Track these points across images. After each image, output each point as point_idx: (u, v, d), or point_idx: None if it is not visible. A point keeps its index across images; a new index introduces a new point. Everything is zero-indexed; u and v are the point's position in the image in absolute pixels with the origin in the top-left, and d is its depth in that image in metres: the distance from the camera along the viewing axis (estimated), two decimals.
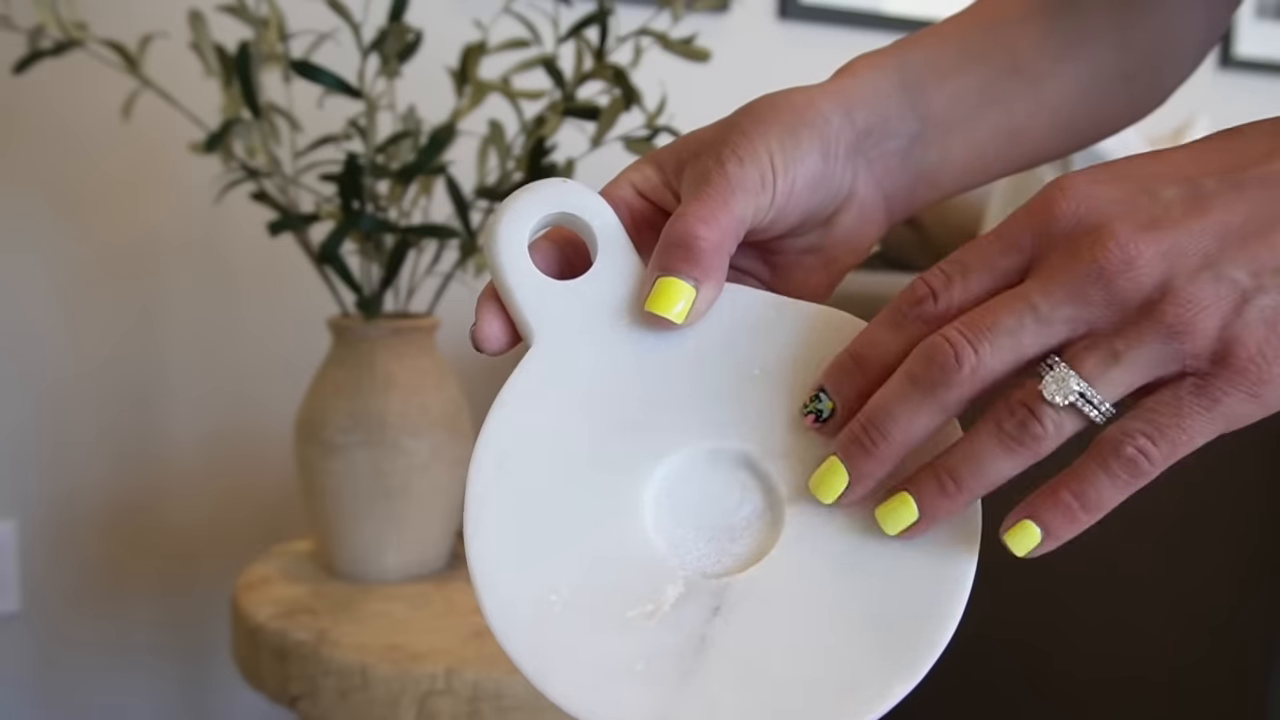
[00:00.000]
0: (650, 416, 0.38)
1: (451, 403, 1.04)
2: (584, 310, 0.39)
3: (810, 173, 0.40)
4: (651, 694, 0.34)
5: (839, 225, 0.43)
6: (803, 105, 0.41)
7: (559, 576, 0.36)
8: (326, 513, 1.02)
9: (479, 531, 0.36)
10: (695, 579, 0.36)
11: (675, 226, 0.38)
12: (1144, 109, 0.51)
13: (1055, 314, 0.32)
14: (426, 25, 1.15)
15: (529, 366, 0.38)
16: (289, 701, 0.91)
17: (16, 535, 1.33)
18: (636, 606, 0.35)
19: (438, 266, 1.11)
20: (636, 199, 0.42)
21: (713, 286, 0.38)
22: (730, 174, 0.39)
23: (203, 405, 1.40)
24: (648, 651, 0.35)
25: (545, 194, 0.40)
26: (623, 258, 0.40)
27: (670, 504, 0.37)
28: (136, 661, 1.41)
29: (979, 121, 0.45)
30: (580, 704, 0.34)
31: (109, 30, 1.15)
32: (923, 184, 0.45)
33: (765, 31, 1.71)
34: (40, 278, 1.31)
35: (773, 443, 0.37)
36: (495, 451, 0.37)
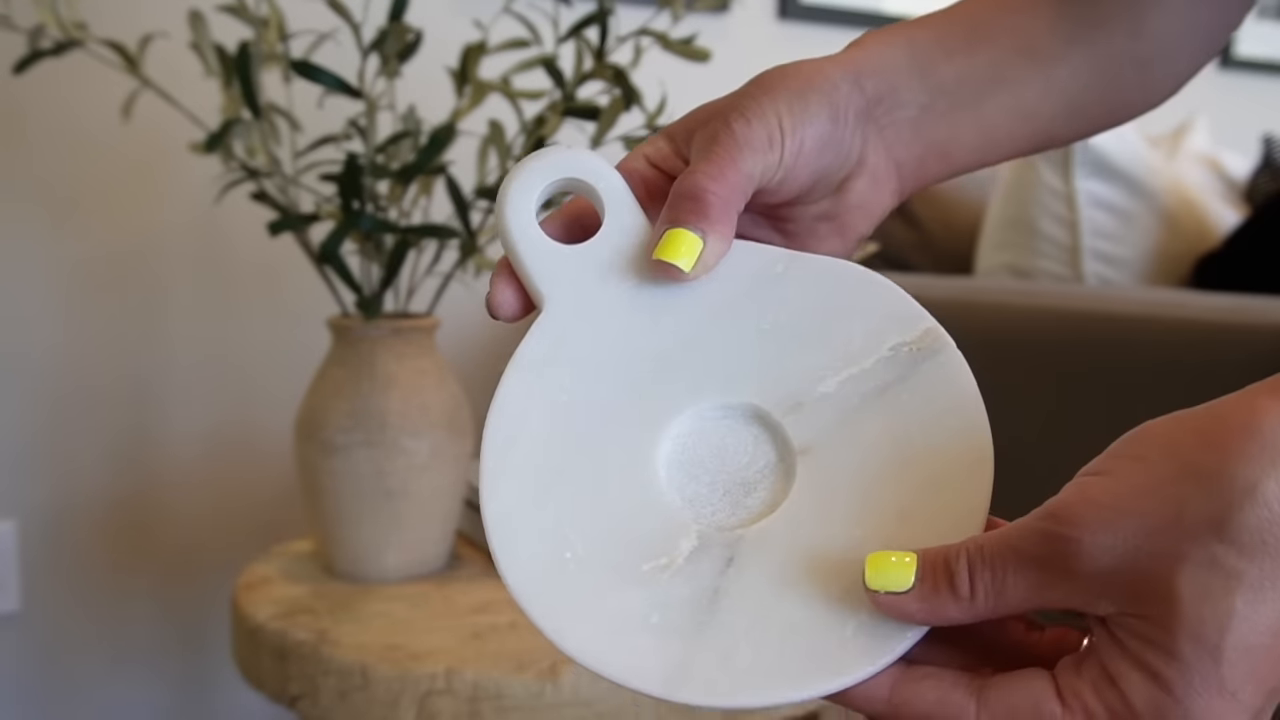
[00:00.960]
0: (662, 374, 0.38)
1: (451, 402, 1.04)
2: (593, 273, 0.39)
3: (819, 134, 0.41)
4: (667, 645, 0.35)
5: (851, 191, 0.43)
6: (811, 72, 0.42)
7: (573, 534, 0.36)
8: (326, 513, 1.02)
9: (495, 494, 0.37)
10: (709, 532, 0.37)
11: (684, 182, 0.39)
12: (1156, 97, 0.51)
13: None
14: (426, 25, 1.15)
15: (541, 329, 0.39)
16: (289, 701, 0.91)
17: (16, 535, 1.33)
18: (650, 560, 0.36)
19: (438, 266, 1.11)
20: (649, 169, 0.42)
21: (720, 239, 0.38)
22: (738, 133, 0.39)
23: (203, 405, 1.40)
24: (662, 603, 0.35)
25: (551, 159, 0.40)
26: (630, 219, 0.40)
27: (684, 460, 0.38)
28: (136, 661, 1.41)
29: (988, 100, 0.45)
30: (596, 657, 0.35)
31: (109, 30, 1.15)
32: (933, 156, 0.45)
33: (765, 31, 1.71)
34: (40, 277, 1.31)
35: (784, 395, 0.38)
36: (509, 414, 0.38)
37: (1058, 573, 0.31)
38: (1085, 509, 0.31)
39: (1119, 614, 0.31)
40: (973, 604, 0.33)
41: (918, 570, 0.33)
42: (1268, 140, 1.74)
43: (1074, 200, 1.39)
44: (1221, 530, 0.30)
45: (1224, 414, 0.31)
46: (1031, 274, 1.42)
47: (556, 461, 0.37)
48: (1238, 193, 1.69)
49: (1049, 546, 0.32)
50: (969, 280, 1.40)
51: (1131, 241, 1.42)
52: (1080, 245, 1.39)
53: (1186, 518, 0.30)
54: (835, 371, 0.38)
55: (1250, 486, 0.30)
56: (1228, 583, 0.30)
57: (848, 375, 0.38)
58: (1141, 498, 0.31)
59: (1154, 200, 1.44)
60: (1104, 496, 0.31)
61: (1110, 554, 0.31)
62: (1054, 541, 0.31)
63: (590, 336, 0.39)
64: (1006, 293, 1.19)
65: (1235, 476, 0.30)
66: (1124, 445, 0.33)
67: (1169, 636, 0.30)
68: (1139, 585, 0.30)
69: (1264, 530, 0.30)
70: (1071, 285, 1.36)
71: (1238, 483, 0.30)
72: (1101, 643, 0.32)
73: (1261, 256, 1.37)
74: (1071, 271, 1.40)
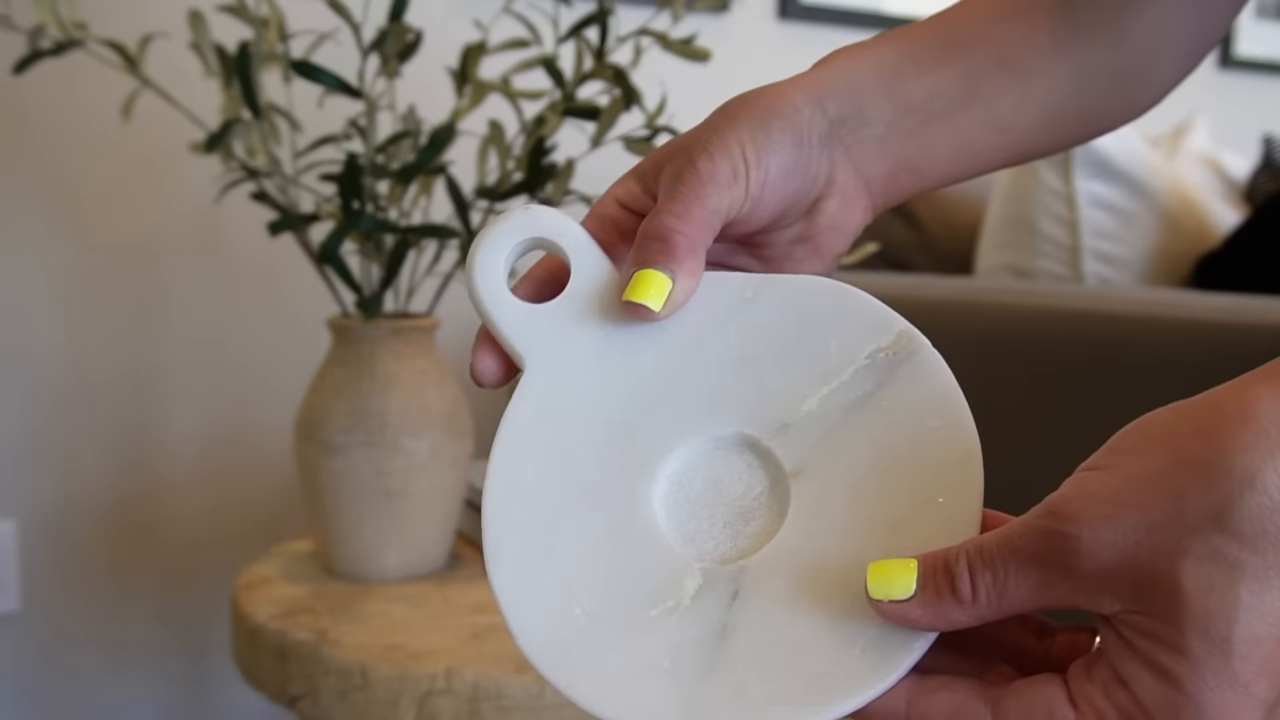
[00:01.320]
0: (648, 415, 0.39)
1: (451, 402, 1.03)
2: (566, 327, 0.40)
3: (783, 162, 0.41)
4: (680, 688, 0.35)
5: (823, 212, 0.44)
6: (773, 98, 0.42)
7: (580, 589, 0.37)
8: (326, 513, 1.02)
9: (499, 560, 0.37)
10: (712, 568, 0.37)
11: (650, 223, 0.39)
12: (1138, 107, 0.51)
13: None
14: (426, 25, 1.15)
15: (524, 391, 0.39)
16: (289, 701, 0.91)
17: (16, 535, 1.33)
18: (658, 605, 0.36)
19: (438, 266, 1.11)
20: (620, 211, 0.43)
21: (689, 277, 0.38)
22: (701, 169, 0.39)
23: (203, 405, 1.40)
24: (673, 647, 0.36)
25: (512, 222, 0.41)
26: (596, 269, 0.40)
27: (681, 498, 0.38)
28: (136, 661, 1.41)
29: (962, 113, 0.45)
30: (610, 709, 0.35)
31: (109, 30, 1.15)
32: (904, 172, 0.45)
33: (765, 31, 1.71)
34: (40, 277, 1.31)
35: (769, 419, 0.38)
36: (504, 480, 0.38)
37: (1059, 570, 0.31)
38: (1084, 504, 0.31)
39: (1125, 611, 0.31)
40: (976, 606, 0.33)
41: (919, 576, 0.33)
42: (1268, 140, 1.74)
43: (1074, 200, 1.39)
44: (1222, 521, 0.30)
45: (1219, 403, 0.31)
46: (1031, 274, 1.42)
47: (555, 519, 0.38)
48: (1238, 193, 1.69)
49: (1049, 544, 0.31)
50: (969, 280, 1.40)
51: (1131, 241, 1.42)
52: (1080, 245, 1.39)
53: (1187, 510, 0.30)
54: (816, 388, 0.38)
55: (1249, 476, 0.30)
56: (1231, 574, 0.29)
57: (828, 390, 0.38)
58: (1140, 491, 0.31)
59: (1154, 200, 1.44)
60: (1103, 491, 0.31)
61: (1111, 549, 0.31)
62: (1054, 539, 0.31)
63: (572, 389, 0.39)
64: (1006, 293, 1.19)
65: (1233, 466, 0.30)
66: (1122, 439, 0.33)
67: (1177, 633, 0.30)
68: (1142, 581, 0.30)
69: (1264, 519, 0.29)
70: (1071, 285, 1.36)
71: (1236, 472, 0.30)
72: (1110, 644, 0.32)
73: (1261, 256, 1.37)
74: (1071, 271, 1.40)
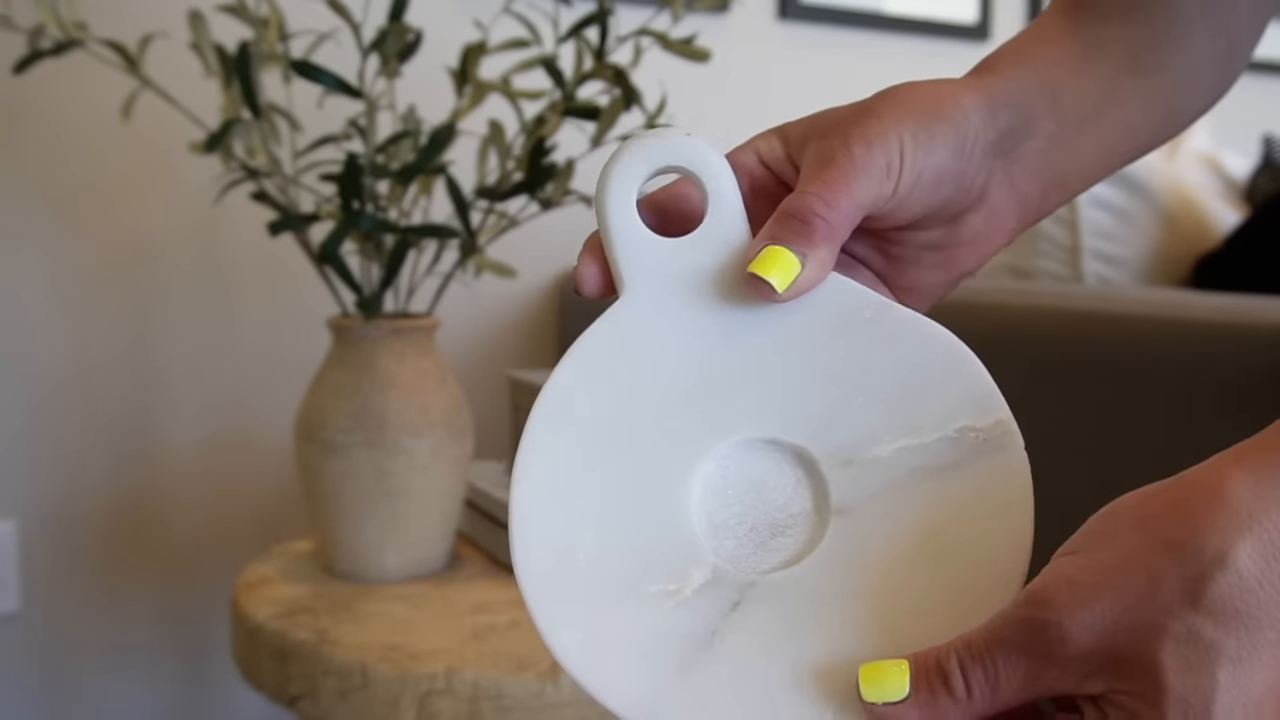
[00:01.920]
0: (721, 393, 0.37)
1: (451, 402, 1.03)
2: (680, 273, 0.38)
3: (939, 167, 0.39)
4: (648, 675, 0.34)
5: (966, 225, 0.42)
6: (944, 96, 0.40)
7: (591, 534, 0.36)
8: (326, 513, 1.02)
9: (526, 475, 0.36)
10: (723, 568, 0.36)
11: (793, 201, 0.37)
12: (1223, 93, 0.49)
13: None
14: (426, 25, 1.15)
15: (613, 318, 0.38)
16: (289, 701, 0.91)
17: (16, 535, 1.33)
18: (658, 583, 0.35)
19: (438, 266, 1.11)
20: (759, 167, 0.41)
21: (820, 267, 0.37)
22: (856, 157, 0.37)
23: (202, 405, 1.40)
24: (658, 631, 0.35)
25: (667, 143, 0.38)
26: (732, 225, 0.38)
27: (721, 485, 0.37)
28: (136, 661, 1.41)
29: (1104, 120, 0.44)
30: (577, 666, 0.34)
31: (109, 30, 1.15)
32: (1055, 187, 0.43)
33: (765, 31, 1.71)
34: (40, 277, 1.31)
35: (837, 447, 0.37)
36: (559, 399, 0.37)
37: (1044, 658, 0.31)
38: (1061, 590, 0.31)
39: (1109, 692, 0.31)
40: (970, 703, 0.32)
41: (911, 676, 0.33)
42: (1268, 140, 1.74)
43: (1074, 200, 1.39)
44: (1196, 600, 0.30)
45: (1192, 484, 0.32)
46: (1031, 274, 1.42)
47: (595, 454, 0.36)
48: (1238, 193, 1.69)
49: (1032, 632, 0.31)
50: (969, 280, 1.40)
51: (1131, 241, 1.42)
52: (1080, 245, 1.39)
53: (1161, 590, 0.30)
54: (894, 437, 0.37)
55: (1220, 555, 0.30)
56: (1208, 655, 0.30)
57: (905, 445, 0.37)
58: (1115, 573, 0.31)
59: (1154, 200, 1.44)
60: (1078, 575, 0.31)
61: (1091, 632, 0.31)
62: (1035, 627, 0.31)
63: (661, 338, 0.37)
64: (1006, 293, 1.19)
65: (1205, 546, 0.30)
66: (1096, 523, 0.33)
67: (1157, 713, 0.30)
68: (1123, 661, 0.30)
69: (1235, 598, 0.30)
70: (1071, 285, 1.36)
71: (1208, 552, 0.30)
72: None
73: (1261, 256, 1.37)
74: (1071, 271, 1.40)
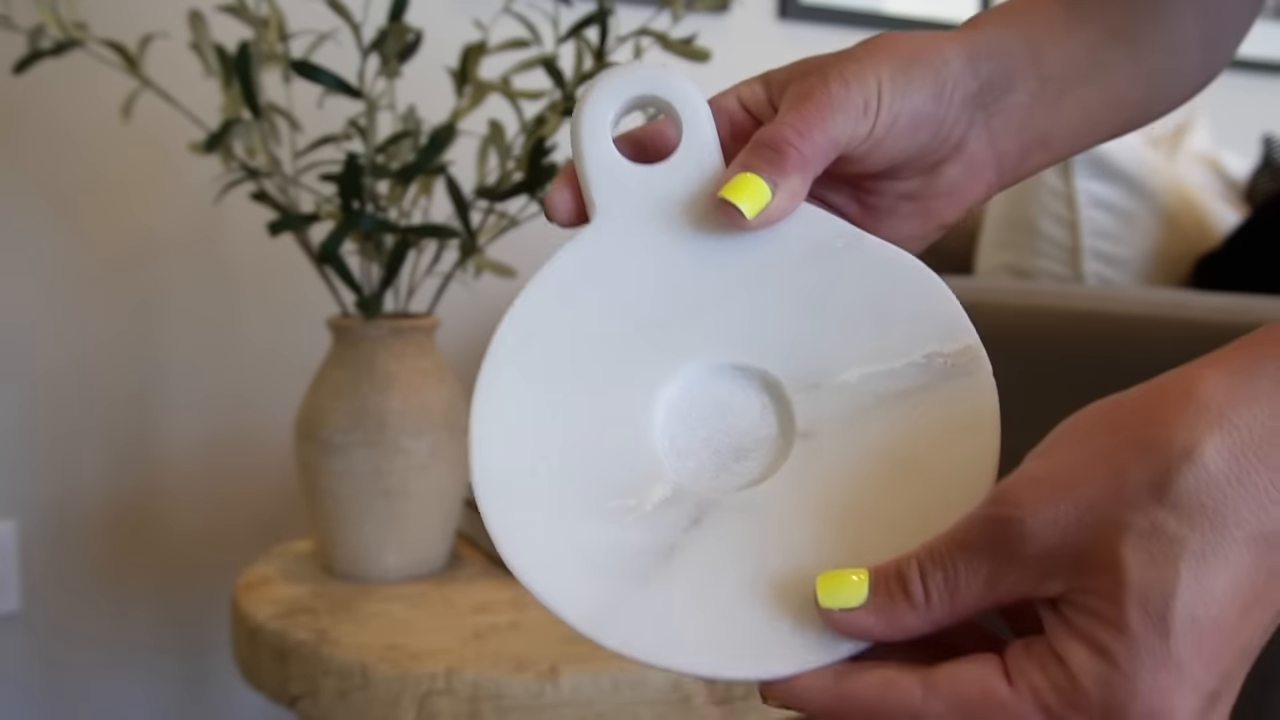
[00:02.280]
0: (687, 318, 0.37)
1: (451, 403, 1.04)
2: (652, 200, 0.38)
3: (917, 110, 0.39)
4: (606, 586, 0.34)
5: (943, 176, 0.42)
6: (923, 44, 0.40)
7: (553, 447, 0.36)
8: (326, 513, 1.02)
9: (488, 393, 0.36)
10: (684, 486, 0.36)
11: (767, 130, 0.38)
12: (1211, 74, 0.49)
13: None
14: (426, 25, 1.15)
15: (581, 243, 0.38)
16: (289, 701, 0.91)
17: (16, 535, 1.33)
18: (618, 499, 0.35)
19: (438, 266, 1.11)
20: (739, 110, 0.41)
21: (790, 196, 0.37)
22: (834, 92, 0.38)
23: (202, 405, 1.40)
24: (616, 545, 0.35)
25: (642, 74, 0.39)
26: (706, 155, 0.39)
27: (685, 408, 0.37)
28: (136, 661, 1.41)
29: (1086, 85, 0.44)
30: (533, 576, 0.34)
31: (109, 30, 1.15)
32: (1037, 146, 0.43)
33: (765, 31, 1.71)
34: (40, 277, 1.31)
35: (803, 373, 0.37)
36: (524, 318, 0.37)
37: (1005, 558, 0.31)
38: (1026, 488, 0.31)
39: (1068, 591, 0.30)
40: (929, 609, 0.32)
41: (870, 584, 0.33)
42: (1268, 140, 1.74)
43: (1074, 200, 1.39)
44: (1161, 494, 0.29)
45: (1163, 386, 0.31)
46: (1031, 274, 1.42)
47: (560, 373, 0.37)
48: (1238, 193, 1.69)
49: (993, 532, 0.31)
50: (969, 280, 1.40)
51: (1131, 241, 1.42)
52: (1080, 245, 1.39)
53: (1127, 486, 0.30)
54: (862, 363, 0.37)
55: (1188, 449, 0.29)
56: (1170, 549, 0.29)
57: (873, 370, 0.37)
58: (1080, 470, 0.31)
59: (1154, 200, 1.44)
60: (1044, 474, 0.31)
61: (1053, 528, 0.30)
62: (997, 525, 0.31)
63: (630, 261, 0.38)
64: (1006, 293, 1.19)
65: (1173, 441, 0.30)
66: (1064, 426, 0.33)
67: (1115, 609, 0.29)
68: (1084, 558, 0.30)
69: (1202, 492, 0.29)
70: (1071, 285, 1.36)
71: (1175, 447, 0.29)
72: (1050, 623, 0.31)
73: (1261, 256, 1.37)
74: (1071, 271, 1.40)
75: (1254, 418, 0.29)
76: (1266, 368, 0.30)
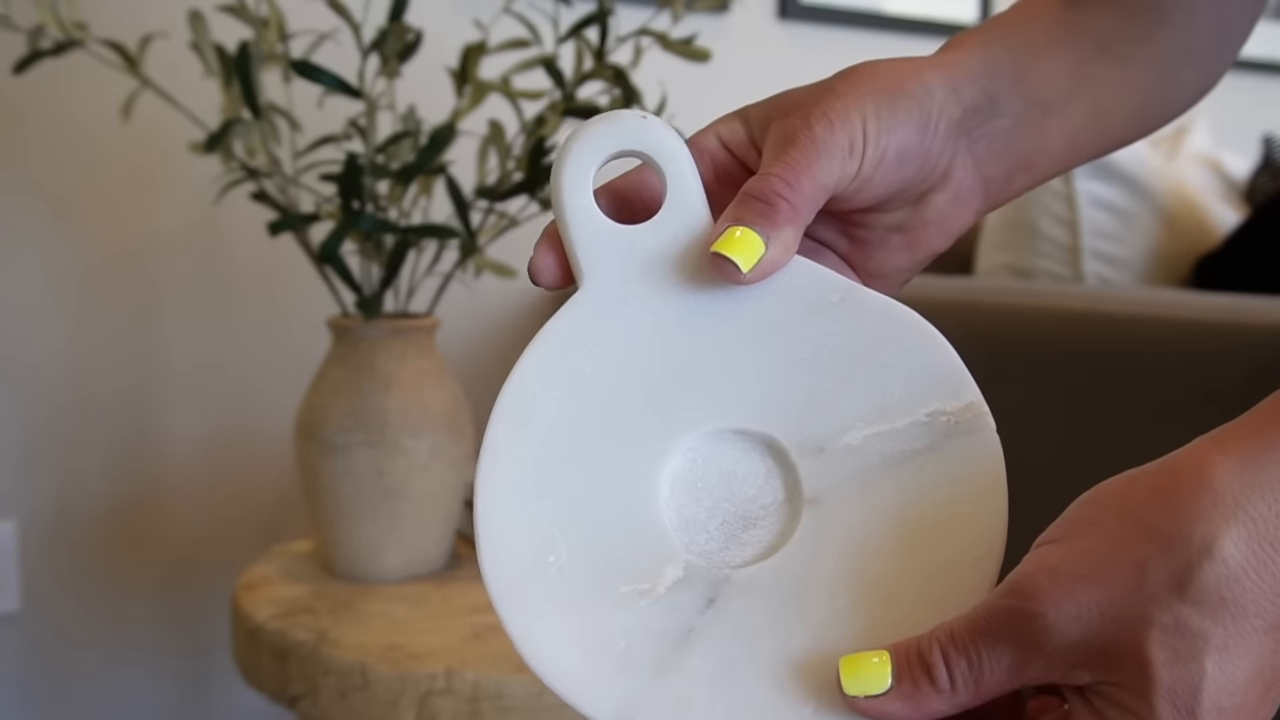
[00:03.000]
0: (686, 384, 0.36)
1: (451, 403, 1.04)
2: (641, 259, 0.37)
3: (903, 145, 0.39)
4: (627, 677, 0.34)
5: (931, 206, 0.41)
6: (905, 74, 0.39)
7: (561, 538, 0.35)
8: (326, 513, 1.02)
9: (490, 481, 0.35)
10: (696, 564, 0.35)
11: (756, 183, 0.37)
12: (1205, 89, 0.49)
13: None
14: (426, 25, 1.15)
15: (571, 312, 0.37)
16: (289, 701, 0.91)
17: (16, 535, 1.33)
18: (632, 583, 0.34)
19: (438, 266, 1.11)
20: (721, 150, 0.40)
21: (783, 249, 0.36)
22: (818, 137, 0.37)
23: (203, 405, 1.40)
24: (633, 632, 0.34)
25: (621, 126, 0.37)
26: (692, 209, 0.37)
27: (690, 479, 0.36)
28: (136, 661, 1.41)
29: (1070, 105, 0.43)
30: (554, 673, 0.34)
31: (109, 30, 1.15)
32: (1021, 169, 0.43)
33: (765, 31, 1.71)
34: (40, 278, 1.31)
35: (807, 436, 0.36)
36: (519, 399, 0.36)
37: (1029, 649, 0.31)
38: (1045, 580, 0.31)
39: (1096, 683, 0.31)
40: (954, 694, 0.32)
41: (893, 668, 0.32)
42: (1268, 140, 1.74)
43: (1074, 200, 1.39)
44: (1183, 590, 0.30)
45: (1176, 470, 0.31)
46: (1031, 274, 1.42)
47: (560, 454, 0.35)
48: (1238, 193, 1.69)
49: (1015, 623, 0.31)
50: (969, 280, 1.40)
51: (1131, 241, 1.42)
52: (1080, 245, 1.39)
53: (1148, 581, 0.30)
54: (865, 424, 0.36)
55: (1207, 544, 0.30)
56: (1195, 645, 0.30)
57: (877, 431, 0.36)
58: (1101, 563, 0.31)
59: (1154, 200, 1.44)
60: (1063, 564, 0.31)
61: (1077, 624, 0.30)
62: (1020, 618, 0.31)
63: (622, 328, 0.36)
64: (1006, 293, 1.19)
65: (1192, 535, 0.30)
66: (1078, 510, 0.32)
67: (1145, 705, 0.30)
68: (1110, 652, 0.30)
69: (1222, 586, 0.30)
70: (1071, 285, 1.36)
71: (1194, 542, 0.30)
72: (1078, 709, 0.31)
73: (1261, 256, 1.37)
74: (1071, 271, 1.40)
75: (1268, 507, 0.30)
76: (1277, 454, 0.31)
